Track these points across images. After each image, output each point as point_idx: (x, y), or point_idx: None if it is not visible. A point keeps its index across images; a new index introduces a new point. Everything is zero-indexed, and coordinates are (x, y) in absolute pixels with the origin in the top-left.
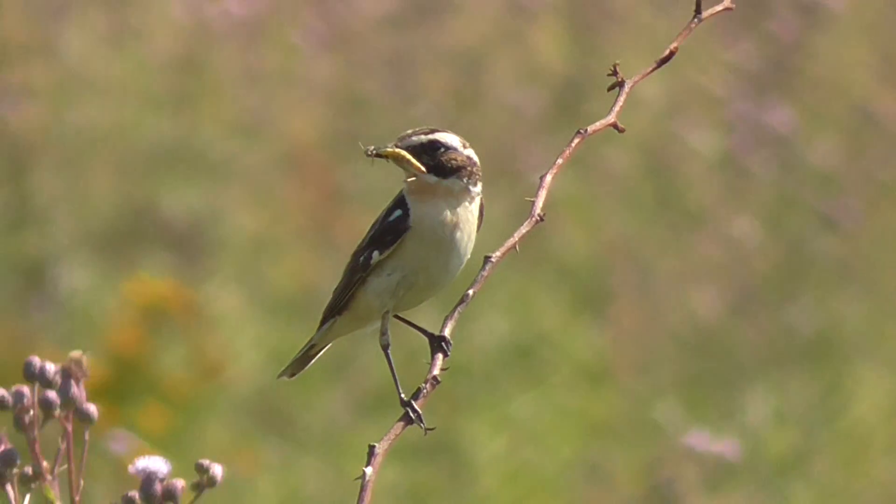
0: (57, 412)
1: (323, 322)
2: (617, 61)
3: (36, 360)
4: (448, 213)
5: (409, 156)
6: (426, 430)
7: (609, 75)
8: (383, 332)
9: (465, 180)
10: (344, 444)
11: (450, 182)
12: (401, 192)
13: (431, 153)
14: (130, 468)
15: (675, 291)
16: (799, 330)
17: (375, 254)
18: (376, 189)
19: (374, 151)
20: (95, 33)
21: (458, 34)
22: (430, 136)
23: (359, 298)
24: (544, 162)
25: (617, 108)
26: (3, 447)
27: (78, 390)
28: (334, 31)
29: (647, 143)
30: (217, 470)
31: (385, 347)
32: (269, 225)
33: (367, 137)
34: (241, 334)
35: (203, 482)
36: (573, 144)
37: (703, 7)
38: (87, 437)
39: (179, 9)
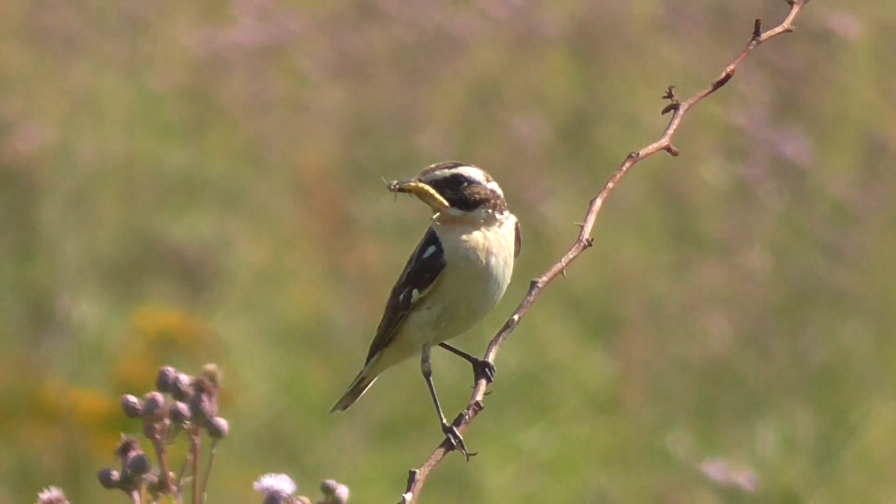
0: (187, 424)
1: (370, 355)
2: (672, 85)
3: (170, 371)
4: (479, 240)
5: (432, 190)
6: (468, 455)
7: (664, 97)
8: (425, 360)
9: (489, 211)
10: (354, 473)
11: (474, 214)
12: (431, 227)
13: (455, 187)
14: (255, 485)
15: (684, 321)
16: (808, 360)
17: (415, 292)
18: (386, 218)
19: (397, 186)
20: (105, 62)
21: (468, 64)
22: (454, 171)
23: (402, 332)
24: (552, 192)
25: (671, 131)
26: (134, 453)
27: (209, 404)
28: (344, 61)
29: (657, 173)
30: (343, 491)
31: (427, 375)
32: (278, 254)
33: (377, 166)
34: (251, 364)
35: (328, 503)
36: (624, 168)
37: (760, 30)
38: (214, 451)
39: (189, 38)
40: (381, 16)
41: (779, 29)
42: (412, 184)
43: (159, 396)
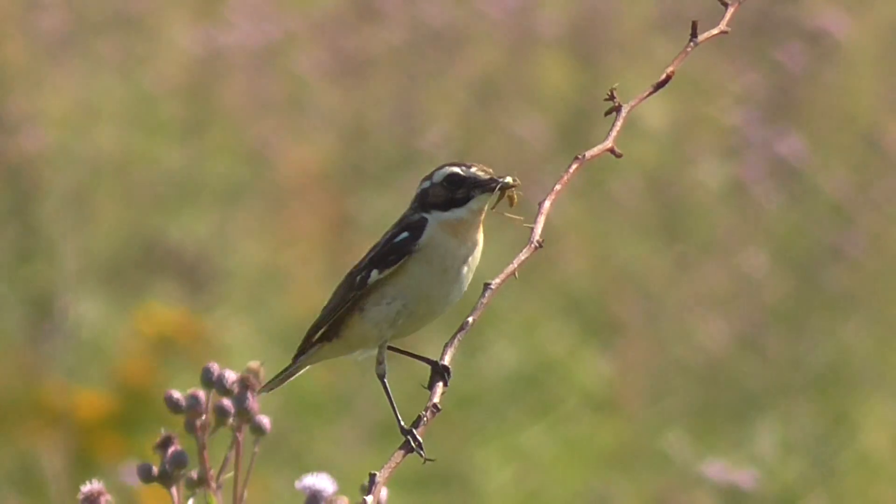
0: (230, 421)
1: (306, 345)
2: (614, 85)
3: (215, 367)
4: (466, 248)
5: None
6: (425, 459)
7: (606, 100)
8: (380, 362)
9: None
10: (352, 474)
11: (480, 218)
12: (405, 217)
13: None
14: (297, 484)
15: (682, 321)
16: (807, 360)
17: (374, 273)
18: (384, 217)
19: (516, 181)
20: (101, 62)
21: (466, 64)
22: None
23: (353, 326)
24: (548, 190)
25: (614, 133)
26: (174, 448)
27: (253, 401)
28: (343, 61)
29: (654, 173)
30: (384, 494)
31: (381, 377)
32: (277, 254)
33: (376, 166)
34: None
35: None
36: (571, 170)
37: (699, 31)
38: (256, 449)
39: (188, 38)
40: (379, 16)
41: (715, 31)
42: (510, 180)
43: (201, 393)
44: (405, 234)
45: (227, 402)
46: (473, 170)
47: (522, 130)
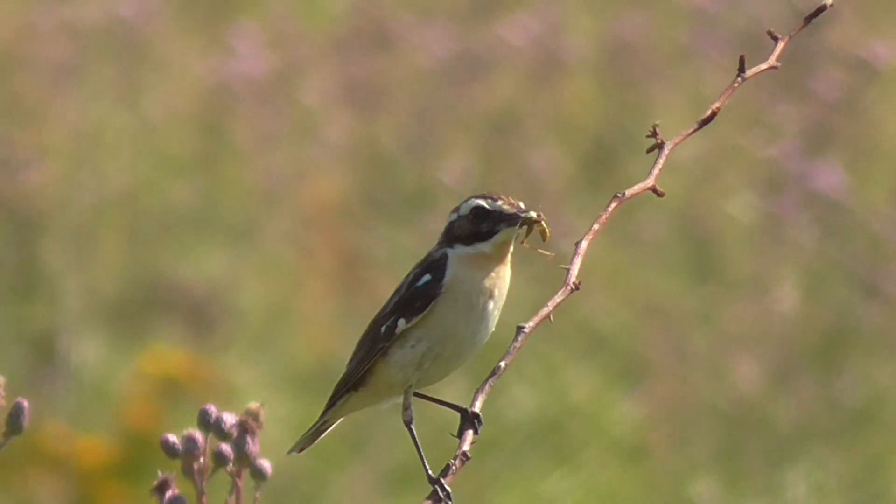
0: (230, 466)
1: (335, 397)
2: (656, 122)
3: (212, 409)
4: (491, 281)
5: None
6: None
7: (648, 136)
8: (406, 408)
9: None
10: None
11: (506, 251)
12: (431, 255)
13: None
14: None
15: (712, 362)
16: (841, 403)
17: (401, 322)
18: (401, 254)
19: (541, 216)
20: (107, 91)
21: (487, 91)
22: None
23: (379, 372)
24: (575, 227)
25: (656, 171)
26: (171, 492)
27: (254, 445)
28: (355, 89)
29: (683, 208)
30: None
31: (408, 423)
32: (289, 294)
33: (391, 200)
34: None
35: None
36: (610, 209)
37: (747, 65)
38: (258, 494)
39: (195, 67)
40: (392, 42)
41: (764, 66)
42: (533, 214)
43: (198, 436)
44: (427, 278)
45: (225, 447)
46: (499, 203)
47: (545, 163)
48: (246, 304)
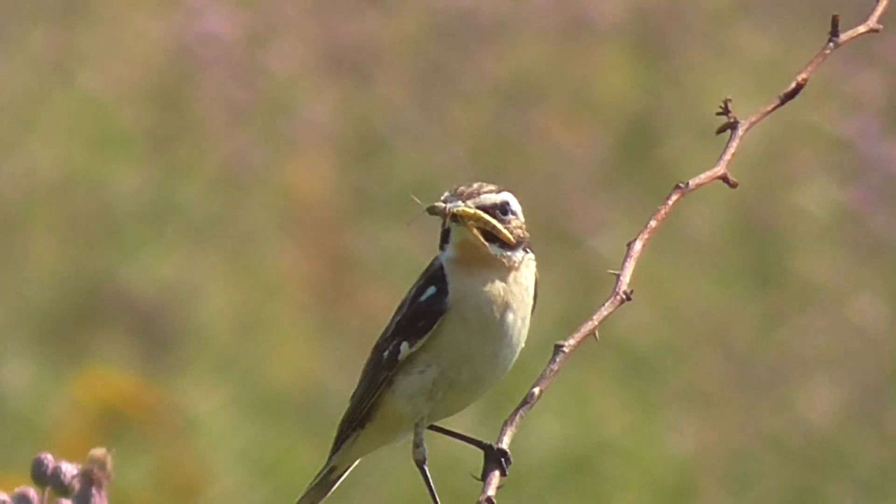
0: None
1: (340, 438)
2: (728, 97)
3: (48, 459)
4: (500, 288)
5: (493, 220)
6: None
7: (718, 114)
8: (417, 444)
9: (525, 252)
10: None
11: (511, 255)
12: (434, 262)
13: (502, 217)
14: None
15: (778, 388)
16: None
17: (404, 346)
18: (395, 257)
19: (450, 211)
20: (40, 60)
21: (500, 58)
22: (503, 196)
23: (385, 405)
24: (608, 221)
25: (727, 157)
26: None
27: (100, 499)
28: (341, 56)
29: (742, 199)
30: None
31: (420, 463)
32: (261, 303)
33: (384, 190)
34: (225, 444)
35: None
36: (670, 202)
37: (840, 28)
38: None
39: (150, 28)
40: None
41: (862, 29)
42: (469, 210)
43: (32, 492)
44: (431, 291)
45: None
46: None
47: (569, 147)
48: (207, 317)
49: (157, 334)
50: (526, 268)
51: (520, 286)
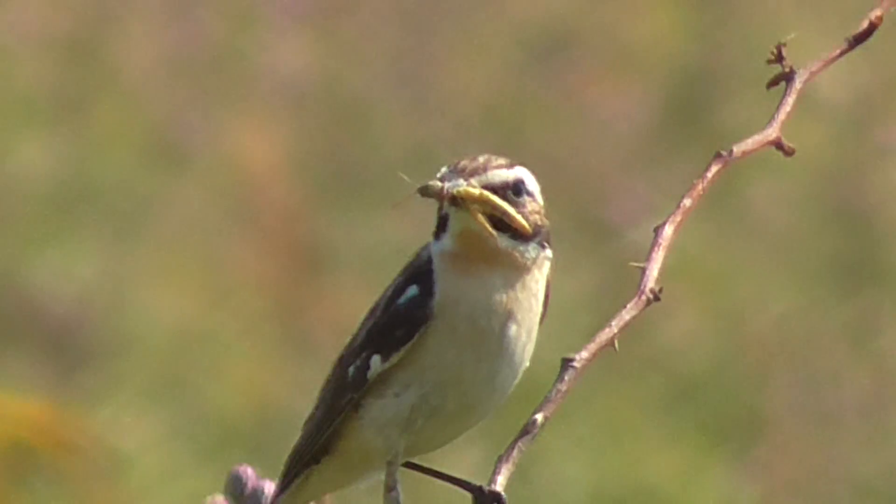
0: None
1: (288, 475)
2: (782, 40)
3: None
4: (503, 292)
5: (504, 204)
6: None
7: (770, 62)
8: (390, 488)
9: (543, 246)
10: None
11: (527, 249)
12: (420, 253)
13: (514, 200)
14: None
15: (866, 417)
16: None
17: (375, 360)
18: (376, 251)
19: (449, 192)
20: None
21: (515, 3)
22: (515, 173)
23: (349, 436)
24: (651, 201)
25: (781, 116)
26: None
27: None
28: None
29: (821, 174)
30: None
31: None
32: (204, 311)
33: (365, 167)
34: (161, 485)
35: None
36: (709, 175)
37: None
38: None
39: None
40: None
41: None
42: (473, 190)
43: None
44: (413, 291)
45: None
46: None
47: (604, 109)
48: (138, 328)
49: (74, 351)
50: (538, 270)
51: (527, 291)
